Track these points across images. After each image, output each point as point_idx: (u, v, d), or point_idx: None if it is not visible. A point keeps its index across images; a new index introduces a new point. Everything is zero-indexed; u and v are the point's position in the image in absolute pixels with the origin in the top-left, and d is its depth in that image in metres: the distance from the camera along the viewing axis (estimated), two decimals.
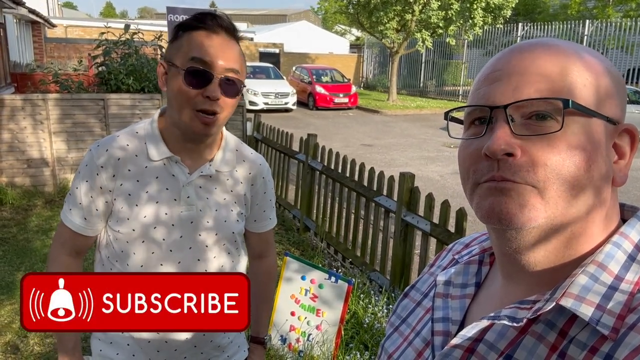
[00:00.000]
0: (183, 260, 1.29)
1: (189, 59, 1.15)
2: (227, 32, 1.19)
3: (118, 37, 6.83)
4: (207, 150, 1.30)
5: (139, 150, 1.27)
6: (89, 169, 1.26)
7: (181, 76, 1.15)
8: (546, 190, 0.53)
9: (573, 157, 0.53)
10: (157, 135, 1.27)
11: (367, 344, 3.04)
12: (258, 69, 18.01)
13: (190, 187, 1.28)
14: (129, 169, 1.25)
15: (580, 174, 0.53)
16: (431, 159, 9.67)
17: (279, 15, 54.70)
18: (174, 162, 1.26)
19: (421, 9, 17.44)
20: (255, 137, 6.47)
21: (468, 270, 0.70)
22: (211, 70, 1.15)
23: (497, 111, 0.56)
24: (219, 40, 1.17)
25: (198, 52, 1.15)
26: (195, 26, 1.18)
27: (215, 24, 1.17)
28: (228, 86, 1.17)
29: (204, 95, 1.14)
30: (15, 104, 5.87)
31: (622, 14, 19.05)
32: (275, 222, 1.51)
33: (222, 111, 1.18)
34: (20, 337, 3.22)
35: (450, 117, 0.66)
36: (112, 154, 1.25)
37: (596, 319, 0.51)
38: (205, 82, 1.14)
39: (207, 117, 1.17)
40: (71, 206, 1.30)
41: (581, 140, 0.54)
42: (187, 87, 1.15)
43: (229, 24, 1.19)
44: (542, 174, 0.53)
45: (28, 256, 4.47)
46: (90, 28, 21.67)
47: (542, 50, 0.57)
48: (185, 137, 1.25)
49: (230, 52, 1.18)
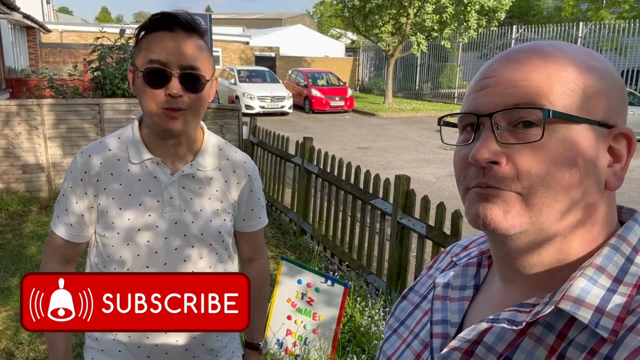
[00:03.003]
0: (169, 262, 1.29)
1: (147, 60, 1.16)
2: (186, 29, 1.19)
3: (113, 42, 6.82)
4: (188, 151, 1.31)
5: (121, 154, 1.28)
6: (73, 176, 1.28)
7: (141, 78, 1.17)
8: (530, 197, 0.54)
9: (557, 164, 0.53)
10: (138, 139, 1.28)
11: (364, 347, 3.03)
12: (254, 73, 18.03)
13: (172, 187, 1.28)
14: (112, 173, 1.27)
15: (564, 181, 0.53)
16: (427, 162, 9.69)
17: (275, 19, 54.78)
18: (155, 164, 1.27)
19: (416, 13, 17.52)
20: (252, 140, 6.46)
21: (466, 273, 0.70)
22: (168, 68, 1.15)
23: (484, 119, 0.57)
24: (175, 38, 1.17)
25: (154, 52, 1.16)
26: (151, 27, 1.19)
27: (171, 23, 1.17)
28: (190, 82, 1.17)
29: (166, 93, 1.16)
30: (10, 110, 5.84)
31: (615, 16, 19.16)
32: (265, 222, 1.50)
33: (190, 107, 1.19)
34: (15, 344, 3.20)
35: (444, 122, 0.67)
36: (94, 159, 1.27)
37: (595, 322, 0.51)
38: (164, 81, 1.15)
39: (175, 113, 1.17)
40: (59, 213, 1.31)
41: (566, 148, 0.54)
42: (147, 87, 1.16)
43: (187, 21, 1.19)
44: (527, 182, 0.54)
45: (23, 262, 4.44)
46: (86, 33, 21.59)
47: (530, 57, 0.57)
48: (160, 137, 1.26)
49: (188, 48, 1.18)
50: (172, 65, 1.15)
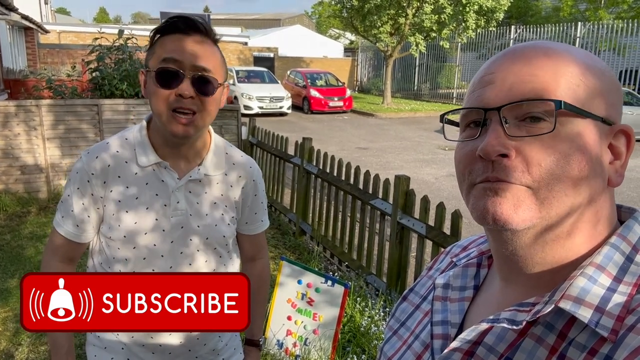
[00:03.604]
0: (174, 265, 1.29)
1: (160, 60, 1.16)
2: (201, 34, 1.19)
3: (112, 43, 6.82)
4: (196, 155, 1.31)
5: (128, 156, 1.27)
6: (79, 176, 1.27)
7: (153, 78, 1.16)
8: (540, 190, 0.54)
9: (566, 157, 0.53)
10: (146, 142, 1.27)
11: (364, 347, 3.03)
12: (252, 73, 18.01)
13: (179, 192, 1.28)
14: (119, 176, 1.26)
15: (574, 174, 0.54)
16: (426, 162, 9.69)
17: (273, 20, 54.76)
18: (163, 168, 1.27)
19: (414, 13, 17.52)
20: (251, 141, 6.46)
21: (466, 273, 0.70)
22: (181, 69, 1.15)
23: (491, 113, 0.57)
24: (190, 41, 1.17)
25: (168, 53, 1.16)
26: (167, 30, 1.19)
27: (187, 27, 1.18)
28: (202, 84, 1.17)
29: (177, 94, 1.15)
30: (8, 110, 5.83)
31: (614, 16, 19.18)
32: (267, 224, 1.51)
33: (200, 110, 1.18)
34: (14, 345, 3.20)
35: (446, 119, 0.67)
36: (102, 161, 1.26)
37: (595, 321, 0.51)
38: (177, 81, 1.15)
39: (184, 116, 1.17)
40: (63, 213, 1.30)
41: (574, 141, 0.54)
42: (159, 87, 1.16)
43: (202, 26, 1.19)
44: (537, 175, 0.54)
45: (22, 263, 4.43)
46: (84, 34, 21.58)
47: (536, 52, 0.57)
48: (169, 142, 1.25)
49: (203, 51, 1.18)
50: (185, 67, 1.15)
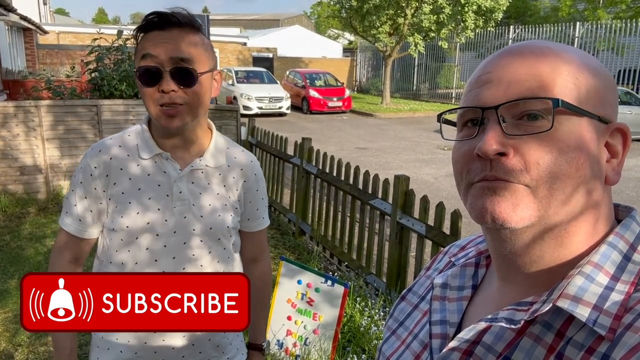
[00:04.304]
0: (178, 256, 1.30)
1: (140, 59, 1.18)
2: (179, 26, 1.19)
3: (111, 43, 6.81)
4: (196, 148, 1.33)
5: (130, 150, 1.30)
6: (83, 171, 1.30)
7: (137, 78, 1.18)
8: (539, 189, 0.54)
9: (564, 155, 0.54)
10: (148, 135, 1.30)
11: (364, 347, 3.03)
12: (252, 74, 18.01)
13: (182, 182, 1.29)
14: (121, 168, 1.28)
15: (572, 172, 0.54)
16: (425, 162, 9.69)
17: (272, 20, 54.72)
18: (164, 159, 1.29)
19: (413, 13, 17.53)
20: (250, 141, 6.46)
21: (465, 273, 0.70)
22: (159, 64, 1.16)
23: (489, 112, 0.57)
24: (167, 36, 1.18)
25: (145, 50, 1.17)
26: (145, 28, 1.20)
27: (162, 21, 1.18)
28: (182, 76, 1.18)
29: (159, 90, 1.17)
30: (7, 111, 5.83)
31: (612, 16, 19.20)
32: (268, 222, 1.51)
33: (187, 101, 1.19)
34: (14, 346, 3.20)
35: (444, 119, 0.67)
36: (104, 155, 1.29)
37: (593, 320, 0.51)
38: (157, 78, 1.17)
39: (172, 109, 1.18)
40: (67, 209, 1.32)
41: (572, 139, 0.54)
42: (142, 86, 1.18)
43: (179, 18, 1.19)
44: (535, 173, 0.54)
45: (21, 264, 4.43)
46: (83, 34, 21.56)
47: (532, 51, 0.58)
48: (167, 134, 1.28)
49: (179, 43, 1.18)
50: (162, 61, 1.16)
